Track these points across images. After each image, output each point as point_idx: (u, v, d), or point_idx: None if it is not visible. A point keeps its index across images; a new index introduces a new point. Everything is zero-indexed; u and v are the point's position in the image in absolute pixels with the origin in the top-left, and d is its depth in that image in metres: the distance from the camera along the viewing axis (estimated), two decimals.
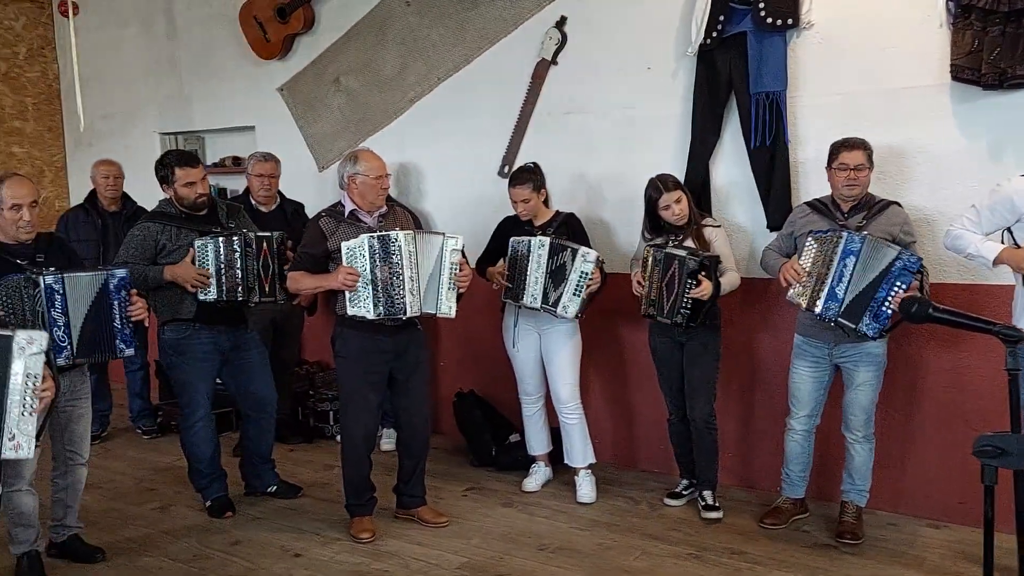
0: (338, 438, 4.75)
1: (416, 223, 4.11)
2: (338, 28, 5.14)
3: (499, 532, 3.62)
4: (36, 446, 2.45)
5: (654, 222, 3.67)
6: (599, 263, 3.64)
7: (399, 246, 3.32)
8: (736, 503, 3.85)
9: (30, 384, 2.40)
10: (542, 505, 3.90)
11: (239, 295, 3.63)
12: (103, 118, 6.16)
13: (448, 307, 3.45)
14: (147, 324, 3.38)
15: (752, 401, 4.05)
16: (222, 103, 5.72)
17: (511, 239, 3.82)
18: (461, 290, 3.49)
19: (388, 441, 4.61)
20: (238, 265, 3.62)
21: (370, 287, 3.33)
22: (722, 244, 3.64)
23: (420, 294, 3.39)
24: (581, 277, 3.63)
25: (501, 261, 3.92)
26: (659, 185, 3.59)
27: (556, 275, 3.68)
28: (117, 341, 3.21)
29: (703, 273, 3.43)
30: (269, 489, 4.04)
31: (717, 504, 3.70)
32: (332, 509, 3.86)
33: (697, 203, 3.75)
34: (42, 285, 3.04)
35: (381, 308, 3.34)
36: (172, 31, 5.88)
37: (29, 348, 2.40)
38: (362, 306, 3.36)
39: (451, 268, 3.44)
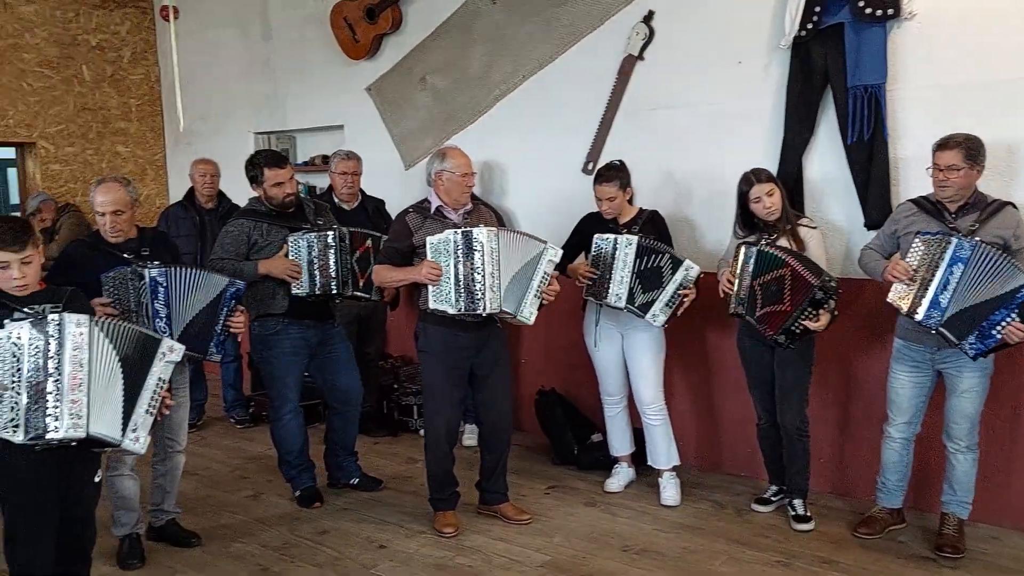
0: (421, 432, 4.85)
1: (500, 221, 4.12)
2: (425, 27, 5.20)
3: (582, 531, 3.59)
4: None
5: (746, 218, 3.58)
6: (698, 278, 3.58)
7: (482, 243, 3.33)
8: (828, 510, 3.73)
9: (160, 387, 2.57)
10: (625, 506, 3.86)
11: (332, 288, 3.71)
12: (200, 118, 6.39)
13: (529, 313, 3.44)
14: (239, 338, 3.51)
15: (847, 406, 3.91)
16: (313, 103, 5.87)
17: (595, 236, 3.78)
18: (545, 302, 3.47)
19: (470, 437, 4.64)
20: (331, 259, 3.70)
21: (452, 282, 3.36)
22: (816, 246, 3.51)
23: (500, 292, 3.39)
24: (678, 289, 3.58)
25: (582, 257, 3.89)
26: (750, 177, 3.50)
27: (645, 277, 3.63)
28: (211, 344, 3.33)
29: (826, 306, 3.31)
30: (351, 481, 4.11)
31: (808, 515, 3.59)
32: (416, 502, 3.91)
33: (789, 199, 3.63)
34: (147, 278, 3.17)
35: (462, 303, 3.36)
36: (267, 33, 6.06)
37: (168, 355, 2.59)
38: (444, 300, 3.39)
39: (543, 277, 3.43)
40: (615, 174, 3.77)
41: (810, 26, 3.71)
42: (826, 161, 3.84)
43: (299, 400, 3.94)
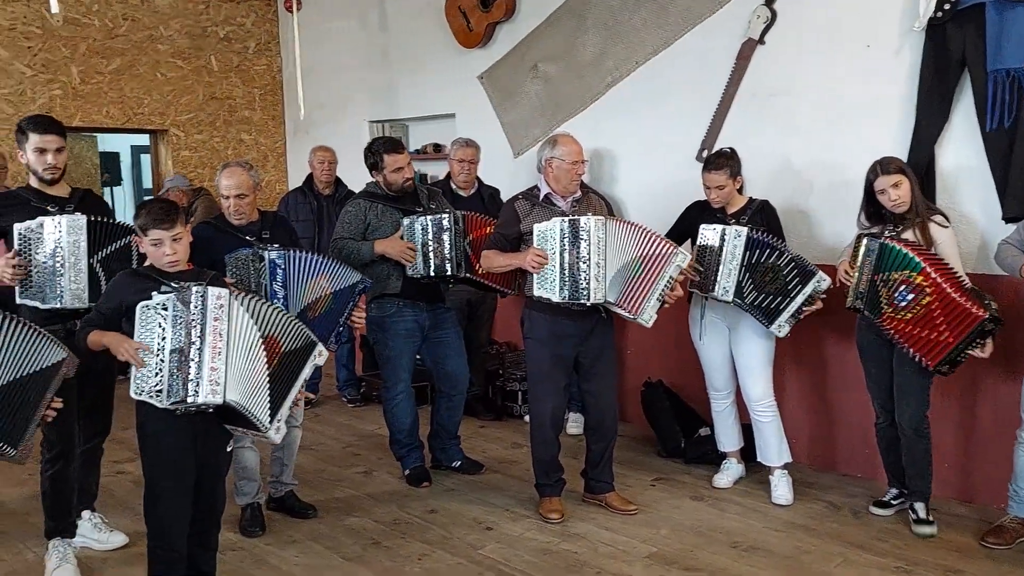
0: (526, 418, 4.89)
1: (609, 210, 4.10)
2: (539, 15, 5.20)
3: (688, 525, 3.55)
4: None
5: (872, 208, 3.42)
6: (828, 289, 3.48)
7: (589, 231, 3.31)
8: (953, 518, 3.55)
9: (303, 384, 2.74)
10: (734, 502, 3.78)
11: (446, 270, 3.78)
12: (319, 107, 6.61)
13: (650, 317, 3.39)
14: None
15: (973, 408, 3.70)
16: (426, 91, 5.97)
17: (701, 226, 3.69)
18: (665, 305, 3.42)
19: (575, 425, 4.65)
20: (446, 241, 3.77)
21: (557, 270, 3.36)
22: (948, 246, 3.30)
23: (605, 282, 3.36)
24: (807, 301, 3.49)
25: (688, 243, 3.82)
26: (876, 167, 3.34)
27: (756, 272, 3.53)
28: (331, 336, 3.42)
29: (991, 337, 3.14)
30: (454, 464, 4.18)
31: (931, 518, 3.42)
32: (521, 487, 3.95)
33: (920, 189, 3.45)
34: (266, 259, 3.30)
35: (566, 292, 3.36)
36: (384, 23, 6.20)
37: (319, 359, 2.77)
38: (548, 288, 3.39)
39: (669, 282, 3.37)
40: (725, 162, 3.67)
41: (947, 7, 3.51)
42: (961, 150, 3.63)
43: (411, 382, 4.03)
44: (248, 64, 6.84)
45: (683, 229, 3.86)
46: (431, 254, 3.78)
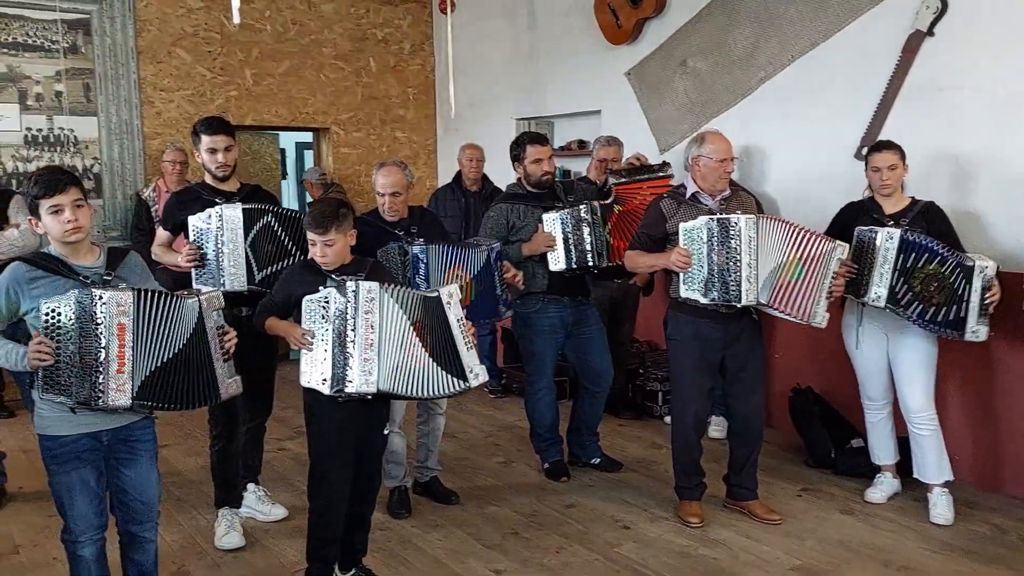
0: (666, 419, 4.85)
1: (759, 208, 3.98)
2: (689, 10, 5.12)
3: (836, 539, 3.41)
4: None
5: None
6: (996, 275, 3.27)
7: (739, 230, 3.23)
8: None
9: (462, 325, 2.82)
10: (887, 518, 3.60)
11: (588, 261, 3.82)
12: (469, 105, 6.79)
13: (823, 318, 3.29)
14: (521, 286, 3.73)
15: None
16: (572, 89, 6.01)
17: (857, 228, 3.52)
18: (831, 299, 3.32)
19: (717, 428, 4.56)
20: (586, 232, 3.80)
21: (704, 271, 3.30)
22: None
23: (757, 283, 3.28)
24: (984, 294, 3.29)
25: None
26: None
27: (911, 276, 3.34)
28: (499, 305, 3.60)
29: None
30: (592, 460, 4.21)
31: None
32: (659, 488, 3.92)
33: None
34: (410, 254, 3.45)
35: (715, 293, 3.30)
36: (533, 22, 6.29)
37: (452, 299, 2.81)
38: (695, 289, 3.34)
39: (833, 278, 3.28)
40: (896, 144, 3.51)
41: None
42: None
43: (553, 377, 4.10)
44: (403, 65, 7.12)
45: (837, 233, 3.69)
46: (572, 247, 3.83)
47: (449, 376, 2.79)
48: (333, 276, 2.77)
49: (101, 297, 2.33)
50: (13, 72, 5.47)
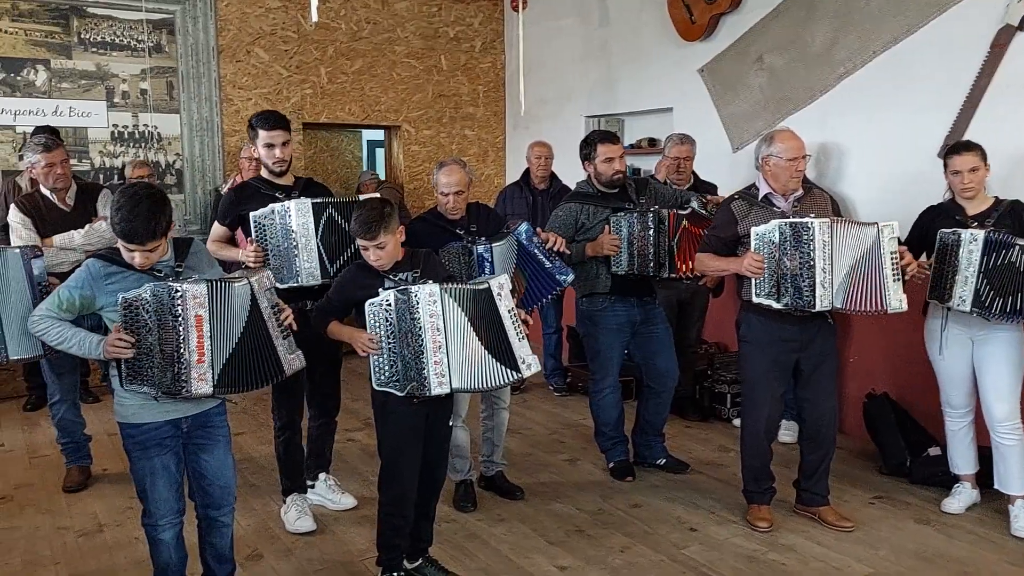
0: (734, 421, 4.78)
1: (835, 208, 3.89)
2: (765, 5, 5.03)
3: (911, 549, 3.31)
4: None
5: None
6: None
7: (812, 234, 3.15)
8: None
9: (515, 316, 2.81)
10: (965, 529, 3.48)
11: (649, 269, 3.78)
12: (538, 103, 6.79)
13: (899, 301, 3.19)
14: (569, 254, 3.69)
15: None
16: (644, 86, 5.96)
17: (939, 231, 3.42)
18: (907, 276, 3.21)
19: (787, 433, 4.46)
20: (650, 240, 3.77)
21: (777, 276, 3.23)
22: None
23: (832, 288, 3.19)
24: None
25: (924, 256, 3.54)
26: None
27: (997, 276, 3.21)
28: (557, 275, 3.58)
29: None
30: (658, 461, 4.17)
31: None
32: (727, 491, 3.87)
33: None
34: (474, 253, 3.47)
35: (787, 299, 3.22)
36: (605, 19, 6.26)
37: (502, 290, 2.81)
38: (768, 294, 3.27)
39: (892, 258, 3.18)
40: (976, 145, 3.38)
41: None
42: None
43: (618, 376, 4.07)
44: (474, 63, 7.16)
45: (918, 237, 3.59)
46: (635, 251, 3.79)
47: (503, 367, 2.79)
48: (391, 277, 2.80)
49: (178, 291, 2.39)
50: (101, 71, 5.70)
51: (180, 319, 2.39)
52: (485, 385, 2.82)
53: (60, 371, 3.94)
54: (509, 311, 2.81)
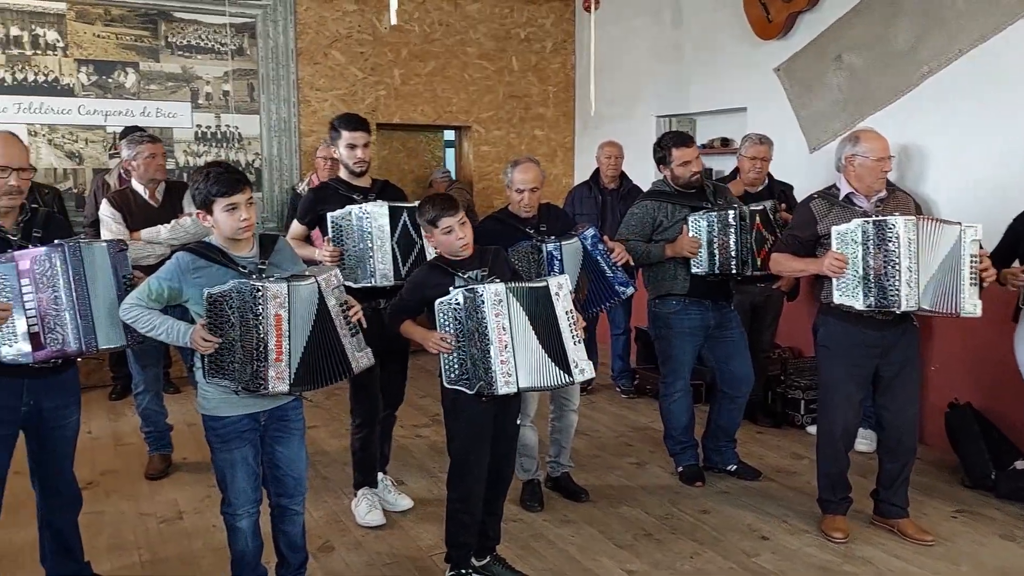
0: (808, 428, 4.67)
1: (918, 209, 3.76)
2: (845, 3, 4.90)
3: (995, 565, 3.18)
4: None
5: None
6: None
7: (897, 233, 3.06)
8: None
9: (572, 319, 2.80)
10: None
11: (731, 268, 3.72)
12: (609, 103, 6.76)
13: (973, 305, 3.09)
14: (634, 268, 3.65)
15: None
16: (717, 86, 5.88)
17: None
18: (985, 284, 3.10)
19: (864, 442, 4.33)
20: (731, 239, 3.71)
21: (860, 276, 3.15)
22: None
23: (918, 288, 3.10)
24: None
25: (1016, 263, 3.39)
26: None
27: None
28: (616, 287, 3.56)
29: None
30: (728, 467, 4.10)
31: None
32: (800, 499, 3.78)
33: None
34: (544, 252, 3.47)
35: (871, 299, 3.14)
36: (678, 19, 6.19)
37: (561, 290, 2.81)
38: (850, 295, 3.19)
39: (972, 261, 3.08)
40: None
41: None
42: None
43: (690, 380, 4.02)
44: (544, 63, 7.17)
45: (1011, 243, 3.44)
46: (716, 251, 3.74)
47: (556, 368, 2.79)
48: (461, 275, 2.83)
49: (260, 290, 2.45)
50: (186, 73, 5.91)
51: (261, 318, 2.46)
52: (543, 384, 2.82)
53: (145, 363, 4.10)
54: (567, 312, 2.80)
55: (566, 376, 2.80)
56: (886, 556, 3.26)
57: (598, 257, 3.55)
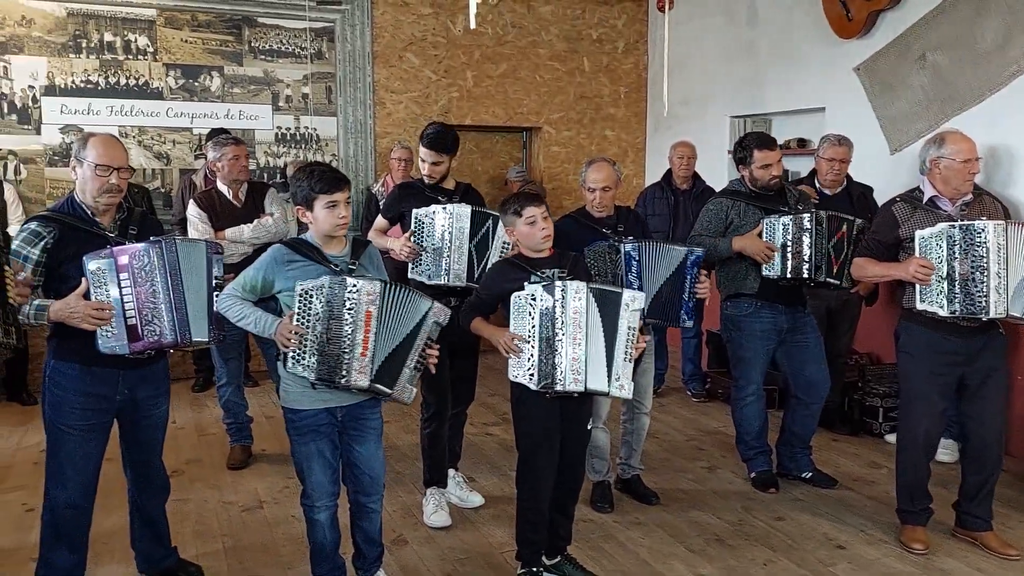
0: (887, 437, 4.56)
1: (1006, 214, 3.63)
2: (928, 1, 4.76)
3: None
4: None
5: None
6: None
7: (987, 238, 2.97)
8: None
9: (631, 336, 2.79)
10: None
11: (804, 273, 3.66)
12: (681, 103, 6.71)
13: None
14: (707, 303, 3.60)
15: None
16: (794, 85, 5.77)
17: None
18: None
19: (946, 452, 4.21)
20: (806, 243, 3.64)
21: (945, 281, 3.06)
22: None
23: (1007, 294, 3.00)
24: None
25: None
26: None
27: None
28: (681, 312, 3.52)
29: None
30: (803, 474, 4.02)
31: None
32: (878, 509, 3.70)
33: None
34: (622, 252, 3.45)
35: (956, 305, 3.05)
36: (753, 18, 6.10)
37: (632, 305, 2.80)
38: (934, 301, 3.11)
39: None
40: None
41: None
42: None
43: (762, 384, 3.97)
44: (616, 64, 7.15)
45: None
46: (789, 255, 3.67)
47: (602, 375, 2.78)
48: (538, 273, 2.85)
49: (354, 285, 2.54)
50: (268, 76, 6.09)
51: (352, 312, 2.54)
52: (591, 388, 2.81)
53: (227, 356, 4.25)
54: (629, 327, 2.79)
55: (606, 385, 2.79)
56: (968, 569, 3.17)
57: (687, 277, 3.50)
